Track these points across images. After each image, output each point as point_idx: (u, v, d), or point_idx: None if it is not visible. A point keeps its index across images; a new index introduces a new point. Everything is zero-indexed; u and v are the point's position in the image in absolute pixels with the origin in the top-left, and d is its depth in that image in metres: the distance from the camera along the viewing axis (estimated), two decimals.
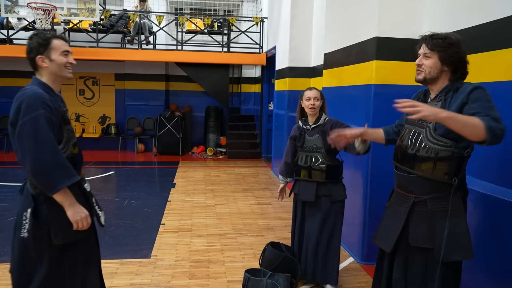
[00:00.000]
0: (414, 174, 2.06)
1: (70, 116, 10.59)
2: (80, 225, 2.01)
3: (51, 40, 2.08)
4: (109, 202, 5.75)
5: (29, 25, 9.03)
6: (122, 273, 3.45)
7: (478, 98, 1.88)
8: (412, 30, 3.54)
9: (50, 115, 1.94)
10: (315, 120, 3.23)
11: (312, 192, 3.14)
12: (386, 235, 2.18)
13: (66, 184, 1.93)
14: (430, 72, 2.03)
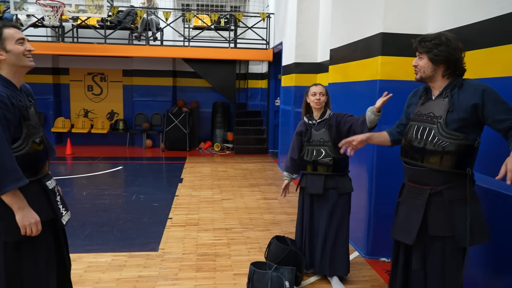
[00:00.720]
0: (425, 167, 2.16)
1: (78, 112, 10.80)
2: (28, 230, 1.95)
3: (2, 30, 1.99)
4: (118, 197, 5.84)
5: (38, 22, 9.13)
6: (130, 266, 3.52)
7: (495, 101, 2.00)
8: (417, 26, 3.55)
9: (4, 112, 1.88)
10: (320, 115, 3.29)
11: (320, 185, 3.20)
12: (405, 229, 2.23)
13: (12, 187, 1.86)
14: (425, 71, 2.18)
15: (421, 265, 2.20)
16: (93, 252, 3.80)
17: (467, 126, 2.07)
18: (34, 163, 2.06)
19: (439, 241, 2.13)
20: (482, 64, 2.78)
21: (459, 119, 2.07)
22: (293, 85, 7.20)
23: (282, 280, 2.83)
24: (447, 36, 2.13)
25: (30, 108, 2.10)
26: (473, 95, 2.04)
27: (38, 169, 2.10)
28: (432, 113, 2.17)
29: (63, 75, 10.82)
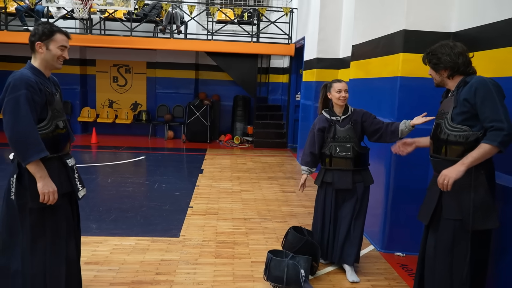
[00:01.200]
0: (440, 158, 2.43)
1: (103, 102, 11.12)
2: (46, 198, 2.22)
3: (55, 33, 2.31)
4: (140, 185, 6.04)
5: (67, 14, 9.42)
6: (153, 250, 3.69)
7: (484, 98, 2.21)
8: (440, 24, 3.56)
9: (32, 95, 2.18)
10: (343, 111, 3.36)
11: (349, 180, 3.30)
12: (425, 211, 2.54)
13: (35, 158, 2.14)
14: (435, 79, 2.51)
15: (433, 243, 2.45)
16: (118, 235, 3.99)
17: (470, 119, 2.28)
18: (56, 142, 2.35)
19: (450, 223, 2.35)
20: (505, 63, 2.79)
21: (461, 113, 2.31)
22: (314, 80, 7.25)
23: (298, 268, 2.93)
24: (443, 45, 2.41)
25: (55, 95, 2.40)
26: (468, 91, 2.27)
27: (59, 148, 2.39)
28: (443, 110, 2.46)
29: (89, 66, 11.14)
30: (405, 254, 3.78)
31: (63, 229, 2.40)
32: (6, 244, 2.33)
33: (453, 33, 3.52)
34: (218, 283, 3.14)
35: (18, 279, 2.31)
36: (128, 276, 3.19)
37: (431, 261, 2.47)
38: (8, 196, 2.27)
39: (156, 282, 3.11)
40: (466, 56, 2.39)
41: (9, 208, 2.29)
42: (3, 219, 2.33)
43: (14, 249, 2.31)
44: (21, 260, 2.30)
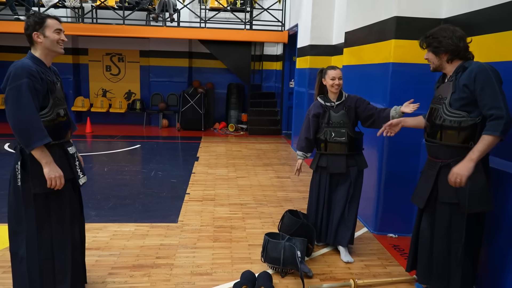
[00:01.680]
0: (437, 143, 2.48)
1: (97, 91, 11.10)
2: (53, 183, 2.28)
3: (46, 19, 2.36)
4: (137, 173, 6.11)
5: (59, 2, 9.33)
6: (152, 235, 3.78)
7: (484, 84, 2.24)
8: (431, 10, 3.63)
9: (34, 83, 2.23)
10: (338, 97, 3.43)
11: (343, 164, 3.39)
12: (420, 195, 2.60)
13: (38, 144, 2.20)
14: (434, 62, 2.51)
15: (428, 225, 2.55)
16: (117, 222, 4.07)
17: (468, 105, 2.32)
18: (57, 130, 2.40)
19: (446, 207, 2.43)
20: (493, 48, 2.87)
21: (459, 99, 2.35)
22: (307, 67, 7.30)
23: (294, 249, 3.03)
24: (444, 28, 2.43)
25: (56, 84, 2.45)
26: (468, 77, 2.29)
27: (61, 135, 2.44)
28: (441, 95, 2.49)
29: (82, 55, 11.07)
30: (397, 235, 3.91)
31: (68, 213, 2.46)
32: (14, 230, 2.40)
33: (444, 19, 3.58)
34: (217, 265, 3.25)
35: (24, 266, 2.37)
36: (129, 260, 3.28)
37: (426, 243, 2.56)
38: (15, 183, 2.33)
39: (157, 265, 3.21)
40: (465, 40, 2.41)
41: (16, 194, 2.35)
42: (11, 206, 2.39)
43: (21, 236, 2.37)
44: (26, 247, 2.35)
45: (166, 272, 3.10)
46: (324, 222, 3.53)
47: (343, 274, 3.15)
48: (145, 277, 3.03)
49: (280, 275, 3.08)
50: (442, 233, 2.46)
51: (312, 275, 3.09)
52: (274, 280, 2.99)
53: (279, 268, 3.07)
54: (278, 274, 3.10)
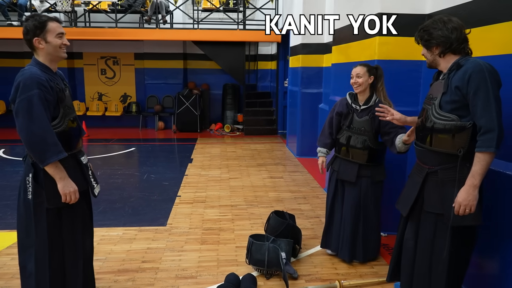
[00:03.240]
0: (424, 148, 2.28)
1: (92, 95, 11.08)
2: (68, 198, 2.21)
3: (47, 22, 2.21)
4: (130, 176, 6.09)
5: (51, 7, 9.32)
6: (140, 239, 3.76)
7: (477, 88, 2.00)
8: (415, 6, 3.59)
9: (45, 94, 2.12)
10: (365, 100, 3.14)
11: (353, 173, 3.14)
12: (404, 201, 2.43)
13: (54, 159, 2.11)
14: (427, 58, 2.28)
15: (412, 235, 2.38)
16: (106, 226, 4.05)
17: (460, 109, 2.08)
18: (69, 139, 2.31)
19: (431, 216, 2.26)
20: (477, 43, 2.83)
21: (451, 101, 2.11)
22: (300, 66, 7.27)
23: (278, 251, 3.01)
24: (436, 20, 2.19)
25: (65, 91, 2.34)
26: (461, 77, 2.05)
27: (73, 145, 2.35)
28: (432, 95, 2.27)
29: (77, 59, 11.07)
30: (386, 234, 3.87)
31: (80, 227, 2.39)
32: (23, 244, 2.33)
33: (428, 14, 3.55)
34: (202, 268, 3.22)
35: (32, 281, 2.30)
36: (114, 265, 3.26)
37: (409, 253, 2.39)
38: (25, 195, 2.24)
39: (142, 269, 3.19)
40: (461, 32, 2.15)
41: (26, 208, 2.26)
42: (21, 219, 2.30)
43: (30, 250, 2.29)
44: (35, 263, 2.27)
45: (151, 276, 3.08)
46: (326, 227, 3.40)
47: (329, 275, 3.12)
48: (129, 282, 3.01)
49: (265, 277, 3.05)
50: (426, 245, 2.28)
51: (297, 276, 3.06)
52: (259, 282, 2.97)
53: (264, 270, 3.04)
54: (263, 276, 3.07)
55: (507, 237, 2.39)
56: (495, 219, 2.48)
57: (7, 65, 10.53)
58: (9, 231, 3.92)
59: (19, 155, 7.39)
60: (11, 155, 7.36)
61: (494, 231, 2.49)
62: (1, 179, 5.81)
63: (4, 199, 4.88)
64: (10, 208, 4.55)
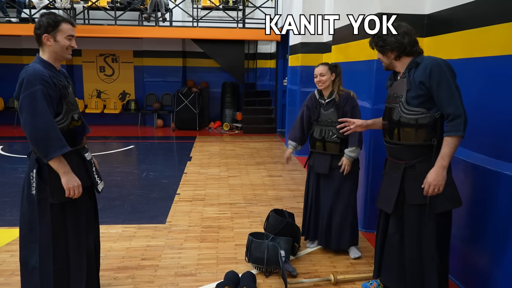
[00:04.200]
0: (399, 144, 2.39)
1: (91, 92, 11.07)
2: (72, 192, 2.23)
3: (60, 23, 2.26)
4: (129, 174, 6.10)
5: (49, 4, 9.30)
6: (139, 236, 3.77)
7: (440, 80, 2.21)
8: (415, 6, 3.61)
9: (48, 90, 2.15)
10: (328, 94, 3.37)
11: (326, 165, 3.33)
12: (386, 198, 2.52)
13: (57, 153, 2.14)
14: (383, 62, 2.49)
15: (396, 230, 2.47)
16: (105, 224, 4.04)
17: (426, 102, 2.27)
18: (73, 136, 2.33)
19: (415, 209, 2.37)
20: (476, 44, 2.85)
21: (416, 96, 2.29)
22: (299, 65, 7.28)
23: (277, 249, 3.03)
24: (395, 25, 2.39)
25: (68, 88, 2.37)
26: (423, 73, 2.25)
27: (77, 141, 2.37)
28: (395, 94, 2.43)
29: (75, 56, 11.03)
30: None
31: (84, 222, 2.40)
32: (26, 240, 2.34)
33: (427, 15, 3.57)
34: (201, 266, 3.24)
35: (35, 276, 2.31)
36: (114, 262, 3.27)
37: (395, 248, 2.48)
38: (29, 191, 2.27)
39: (141, 267, 3.20)
40: (411, 35, 2.35)
41: (30, 203, 2.29)
42: (24, 214, 2.32)
43: (33, 245, 2.31)
44: (39, 257, 2.29)
45: (150, 274, 3.10)
46: (312, 222, 3.51)
47: (328, 273, 3.13)
48: (129, 279, 3.02)
49: (264, 275, 3.07)
50: (413, 235, 2.39)
51: (296, 274, 3.08)
52: (258, 280, 2.99)
53: (263, 268, 3.06)
54: (262, 274, 3.09)
55: (495, 231, 2.42)
56: (489, 216, 2.51)
57: (5, 62, 10.51)
58: (8, 228, 3.93)
59: (18, 152, 7.39)
60: (10, 152, 7.35)
61: (484, 226, 2.53)
62: (0, 176, 5.81)
63: (3, 196, 4.88)
64: (9, 205, 4.55)
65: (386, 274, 2.57)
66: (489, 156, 2.66)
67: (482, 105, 2.75)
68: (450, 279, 2.99)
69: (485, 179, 2.61)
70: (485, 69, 2.73)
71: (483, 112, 2.73)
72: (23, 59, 10.41)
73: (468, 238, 2.80)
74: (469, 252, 2.79)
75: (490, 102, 2.67)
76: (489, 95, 2.69)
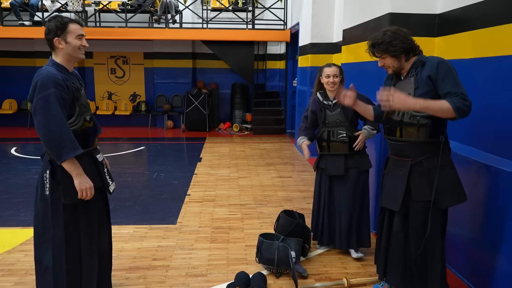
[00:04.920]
0: (406, 142, 2.42)
1: (102, 94, 11.19)
2: (84, 194, 2.27)
3: (68, 24, 2.29)
4: (140, 175, 6.15)
5: (62, 7, 9.43)
6: (150, 237, 3.80)
7: (446, 74, 2.25)
8: (426, 5, 3.58)
9: (61, 93, 2.19)
10: (335, 95, 3.34)
11: (341, 166, 3.30)
12: (392, 197, 2.50)
13: (70, 155, 2.18)
14: (394, 66, 2.44)
15: (401, 228, 2.48)
16: (116, 224, 4.08)
17: (434, 98, 2.27)
18: (85, 138, 2.37)
19: (421, 205, 2.39)
20: (487, 43, 2.82)
21: (424, 93, 2.31)
22: (309, 66, 7.27)
23: (288, 250, 3.02)
24: (391, 31, 2.39)
25: (81, 90, 2.41)
26: (430, 68, 2.30)
27: (89, 143, 2.41)
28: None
29: (87, 58, 11.16)
30: None
31: (96, 223, 2.43)
32: (40, 239, 2.38)
33: (439, 14, 3.54)
34: (212, 266, 3.25)
35: (48, 275, 2.35)
36: (125, 262, 3.30)
37: (400, 245, 2.47)
38: (43, 191, 2.31)
39: (153, 267, 3.23)
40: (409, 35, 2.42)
41: (44, 203, 2.33)
42: (38, 214, 2.37)
43: (46, 245, 2.35)
44: (52, 257, 2.33)
45: (162, 274, 3.12)
46: (326, 226, 3.44)
47: (338, 274, 3.13)
48: (141, 279, 3.04)
49: (275, 276, 3.07)
50: (419, 232, 2.40)
51: (307, 275, 3.08)
52: (269, 281, 2.99)
53: (274, 268, 3.06)
54: (272, 274, 3.09)
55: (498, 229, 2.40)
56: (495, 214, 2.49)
57: (19, 64, 10.68)
58: (22, 228, 3.99)
59: (31, 153, 7.49)
60: (23, 153, 7.46)
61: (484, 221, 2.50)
62: (14, 177, 5.90)
63: (17, 197, 4.96)
64: (23, 206, 4.62)
65: (392, 273, 2.57)
66: (501, 156, 2.63)
67: (492, 105, 2.72)
68: (458, 277, 2.97)
69: (497, 180, 2.58)
70: (497, 68, 2.70)
71: (493, 111, 2.70)
72: (36, 61, 10.57)
73: (479, 237, 2.77)
74: (477, 251, 2.76)
75: (502, 101, 2.64)
76: (501, 94, 2.66)
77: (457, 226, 3.02)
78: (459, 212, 2.89)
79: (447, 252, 2.92)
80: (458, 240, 3.03)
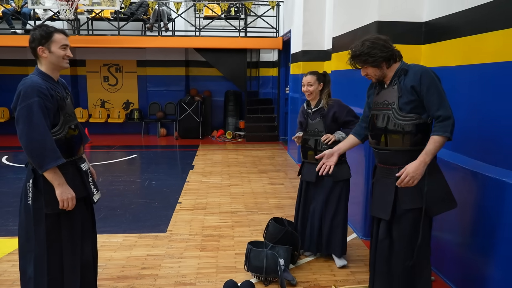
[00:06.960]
0: (391, 150, 2.42)
1: (95, 102, 11.17)
2: (65, 204, 2.25)
3: (53, 33, 2.28)
4: (131, 183, 6.12)
5: (54, 15, 9.43)
6: (140, 245, 3.78)
7: (430, 85, 2.27)
8: (412, 14, 3.62)
9: (45, 102, 2.18)
10: (316, 103, 3.39)
11: (314, 173, 3.28)
12: (381, 206, 2.48)
13: (52, 165, 2.16)
14: (376, 75, 2.44)
15: (385, 236, 2.46)
16: (106, 233, 4.06)
17: (418, 107, 2.32)
18: (70, 146, 2.36)
19: (409, 213, 2.37)
20: (472, 51, 2.86)
21: (408, 102, 2.33)
22: (300, 73, 7.30)
23: (276, 257, 3.02)
24: (370, 40, 2.37)
25: (66, 99, 2.39)
26: (413, 78, 2.31)
27: (74, 151, 2.39)
28: (386, 101, 2.44)
29: (80, 66, 11.17)
30: None
31: (79, 233, 2.40)
32: (24, 249, 2.36)
33: (425, 22, 3.58)
34: (201, 275, 3.23)
35: (31, 285, 2.33)
36: (114, 271, 3.28)
37: (384, 253, 2.46)
38: (26, 201, 2.30)
39: (141, 276, 3.20)
40: (389, 42, 2.40)
41: (27, 213, 2.31)
42: (22, 223, 2.35)
43: (30, 255, 2.33)
44: (34, 267, 2.30)
45: (150, 283, 3.10)
46: (301, 231, 3.50)
47: (327, 282, 3.12)
48: None
49: (264, 284, 3.06)
50: (406, 240, 2.38)
51: (295, 283, 3.07)
52: None
53: (262, 276, 3.05)
54: (261, 283, 3.08)
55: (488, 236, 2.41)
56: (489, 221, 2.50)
57: (11, 73, 10.65)
58: (10, 237, 3.95)
59: (22, 162, 7.44)
60: (14, 162, 7.41)
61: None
62: (4, 185, 5.86)
63: (6, 206, 4.91)
64: (12, 215, 4.58)
65: (378, 282, 2.55)
66: (485, 162, 2.65)
67: (478, 112, 2.75)
68: (446, 283, 2.97)
69: (484, 186, 2.60)
70: (481, 76, 2.73)
71: (479, 118, 2.73)
72: (28, 70, 10.53)
73: (467, 243, 2.78)
74: (466, 257, 2.77)
75: (486, 108, 2.67)
76: (486, 101, 2.68)
77: (445, 232, 3.03)
78: (447, 219, 2.90)
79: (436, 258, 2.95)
80: (446, 246, 3.04)
